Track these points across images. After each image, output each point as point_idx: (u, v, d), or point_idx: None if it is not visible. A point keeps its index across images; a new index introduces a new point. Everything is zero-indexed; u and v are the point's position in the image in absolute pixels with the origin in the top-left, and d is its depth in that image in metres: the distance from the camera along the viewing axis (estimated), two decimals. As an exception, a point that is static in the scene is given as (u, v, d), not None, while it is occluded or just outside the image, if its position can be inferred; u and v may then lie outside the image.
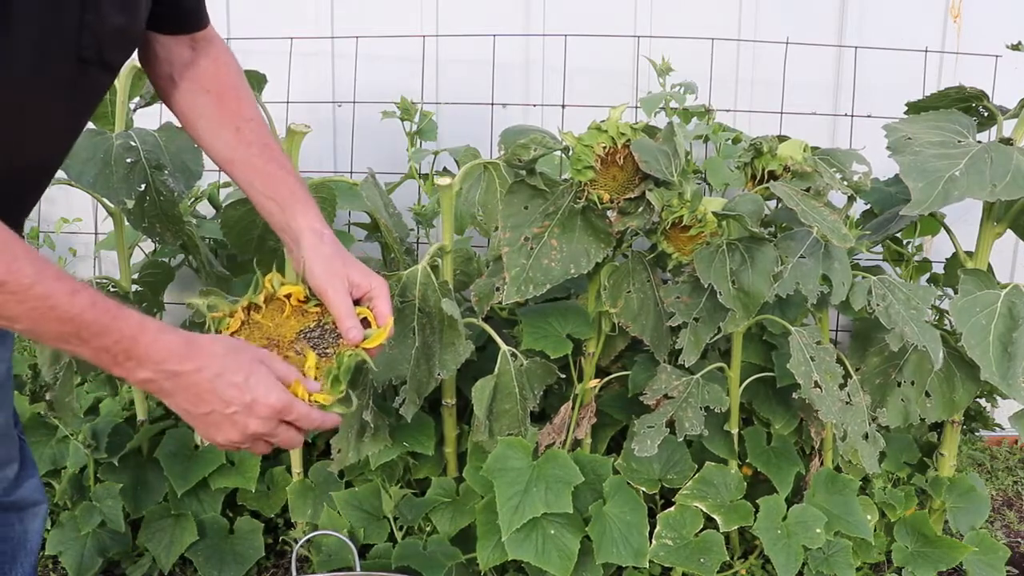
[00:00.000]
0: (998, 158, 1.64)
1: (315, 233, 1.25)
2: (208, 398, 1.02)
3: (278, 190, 1.26)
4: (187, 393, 1.02)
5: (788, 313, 2.02)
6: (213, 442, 1.07)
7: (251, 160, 1.27)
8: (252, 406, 1.04)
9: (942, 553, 1.98)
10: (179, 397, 1.03)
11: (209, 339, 1.05)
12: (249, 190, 1.29)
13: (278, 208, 1.26)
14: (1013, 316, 1.76)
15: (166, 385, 1.01)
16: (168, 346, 1.00)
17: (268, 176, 1.27)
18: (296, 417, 1.09)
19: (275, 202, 1.26)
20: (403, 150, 2.34)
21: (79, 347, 0.96)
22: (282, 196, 1.26)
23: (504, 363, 1.86)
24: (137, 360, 0.98)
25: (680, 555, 1.84)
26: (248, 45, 2.52)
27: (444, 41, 2.55)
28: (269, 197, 1.26)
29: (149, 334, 0.99)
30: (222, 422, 1.05)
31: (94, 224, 2.59)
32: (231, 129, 1.27)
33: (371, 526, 2.00)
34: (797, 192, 1.72)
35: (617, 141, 1.70)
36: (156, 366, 0.99)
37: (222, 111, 1.28)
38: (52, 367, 1.93)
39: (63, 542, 2.02)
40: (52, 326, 0.93)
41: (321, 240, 1.25)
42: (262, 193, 1.27)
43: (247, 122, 1.29)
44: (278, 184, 1.26)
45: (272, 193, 1.26)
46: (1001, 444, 2.89)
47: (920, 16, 2.52)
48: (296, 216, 1.25)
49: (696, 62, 2.41)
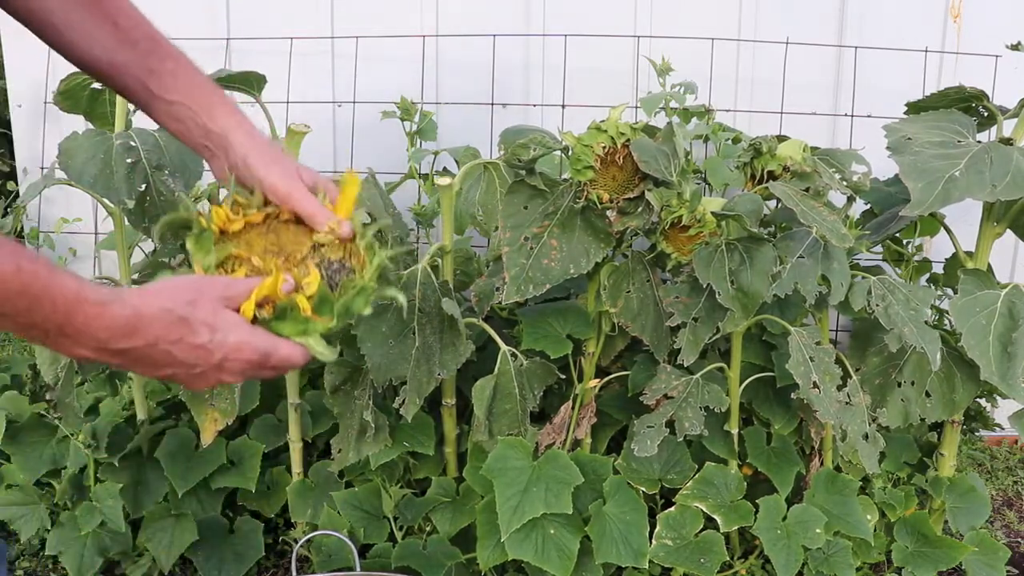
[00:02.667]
0: (998, 158, 1.64)
1: (246, 130, 1.03)
2: (168, 364, 0.89)
3: (187, 90, 1.02)
4: (141, 365, 0.89)
5: (788, 313, 2.02)
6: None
7: (144, 60, 1.02)
8: (222, 364, 0.92)
9: (942, 553, 1.99)
10: (131, 367, 0.90)
11: (159, 301, 0.88)
12: (146, 98, 1.04)
13: (190, 112, 1.02)
14: (1013, 316, 1.76)
15: (113, 361, 0.87)
16: (111, 323, 0.83)
17: (170, 76, 1.02)
18: (275, 364, 0.95)
19: (184, 105, 1.02)
20: (403, 150, 2.34)
21: (1, 322, 0.79)
22: (194, 96, 1.02)
23: (504, 363, 1.86)
24: (73, 338, 0.82)
25: (680, 555, 1.84)
26: (248, 45, 2.53)
27: (444, 41, 2.55)
28: (175, 102, 1.02)
29: (87, 307, 0.81)
30: (189, 380, 0.93)
31: (94, 224, 2.60)
32: (107, 25, 1.01)
33: (371, 526, 2.00)
34: (796, 192, 1.72)
35: (617, 141, 1.70)
36: (97, 344, 0.84)
37: (89, 3, 1.01)
38: (52, 367, 1.93)
39: (63, 542, 2.02)
40: None
41: (255, 136, 1.03)
42: (165, 99, 1.02)
43: (127, 15, 1.03)
44: (185, 83, 1.03)
45: (180, 95, 1.02)
46: (1001, 444, 2.89)
47: (920, 16, 2.52)
48: (216, 116, 1.02)
49: (696, 62, 2.41)
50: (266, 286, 0.95)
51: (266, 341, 0.94)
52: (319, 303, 0.98)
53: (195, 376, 0.92)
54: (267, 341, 0.94)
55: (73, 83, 1.89)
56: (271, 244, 1.02)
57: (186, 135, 1.04)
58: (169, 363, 0.89)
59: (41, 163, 2.60)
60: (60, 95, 1.93)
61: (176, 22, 2.44)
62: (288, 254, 1.01)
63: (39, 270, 0.77)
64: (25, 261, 0.76)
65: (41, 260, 0.78)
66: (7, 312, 0.77)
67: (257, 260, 1.00)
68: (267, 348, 0.94)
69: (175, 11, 2.48)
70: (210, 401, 1.95)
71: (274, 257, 1.01)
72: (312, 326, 0.98)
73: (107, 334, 0.83)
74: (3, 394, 2.26)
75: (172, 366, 0.90)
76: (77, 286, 0.81)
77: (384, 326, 1.77)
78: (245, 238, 1.02)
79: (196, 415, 1.97)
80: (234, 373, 0.94)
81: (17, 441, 2.14)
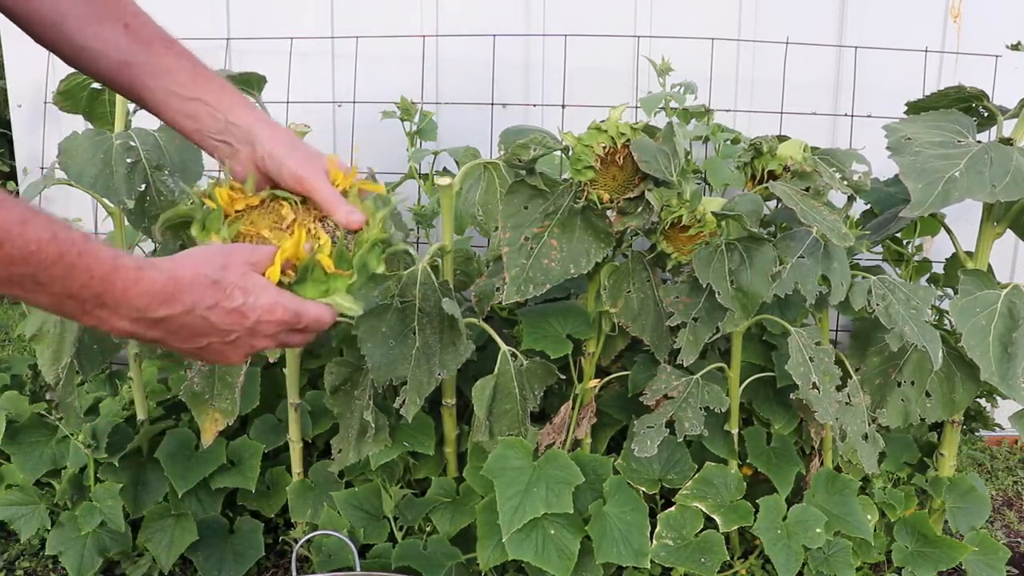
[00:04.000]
0: (998, 158, 1.64)
1: (268, 124, 1.04)
2: (204, 332, 0.89)
3: (205, 88, 1.03)
4: (177, 336, 0.88)
5: (788, 313, 2.02)
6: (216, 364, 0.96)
7: (159, 60, 1.02)
8: (256, 327, 0.92)
9: (942, 553, 1.99)
10: (168, 340, 0.88)
11: (193, 265, 0.88)
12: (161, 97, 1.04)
13: (208, 109, 1.03)
14: (1013, 316, 1.76)
15: (151, 333, 0.86)
16: (149, 286, 0.82)
17: (187, 74, 1.03)
18: (307, 324, 0.96)
19: (202, 102, 1.03)
20: (403, 150, 2.34)
21: (35, 293, 0.76)
22: (211, 94, 1.03)
23: (504, 363, 1.86)
24: (112, 308, 0.81)
25: (681, 555, 1.84)
26: (248, 45, 2.53)
27: (444, 41, 2.55)
28: (192, 98, 1.03)
29: (125, 273, 0.80)
30: (224, 349, 0.92)
31: (94, 224, 2.59)
32: (117, 26, 1.01)
33: (371, 526, 2.00)
34: (797, 192, 1.72)
35: (617, 141, 1.70)
36: (137, 313, 0.82)
37: (99, 6, 1.01)
38: (53, 367, 1.93)
39: (63, 542, 2.02)
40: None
41: (276, 128, 1.05)
42: (182, 96, 1.03)
43: (135, 16, 1.03)
44: (202, 81, 1.04)
45: (197, 93, 1.03)
46: (1001, 444, 2.89)
47: (920, 16, 2.52)
48: (237, 112, 1.03)
49: (696, 62, 2.41)
50: (288, 248, 0.97)
51: (296, 301, 0.95)
52: (337, 260, 1.00)
53: (230, 345, 0.92)
54: (297, 301, 0.95)
55: (73, 83, 1.90)
56: (274, 221, 1.03)
57: (200, 132, 1.04)
58: (206, 331, 0.89)
59: (41, 163, 2.60)
60: (60, 95, 1.93)
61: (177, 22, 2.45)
62: (293, 227, 1.02)
63: (75, 237, 0.76)
64: (60, 230, 0.75)
65: (76, 231, 0.77)
66: (42, 280, 0.75)
67: (267, 233, 1.02)
68: (298, 308, 0.95)
69: (176, 11, 2.48)
70: (210, 401, 1.95)
71: (281, 232, 1.02)
72: (334, 284, 1.00)
73: (146, 300, 0.82)
74: (3, 394, 2.26)
75: (208, 335, 0.89)
76: (112, 253, 0.80)
77: (384, 326, 1.77)
78: (249, 218, 1.03)
79: (196, 415, 1.97)
80: (268, 336, 0.94)
81: (17, 441, 2.14)
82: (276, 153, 1.02)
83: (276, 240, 1.01)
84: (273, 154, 1.02)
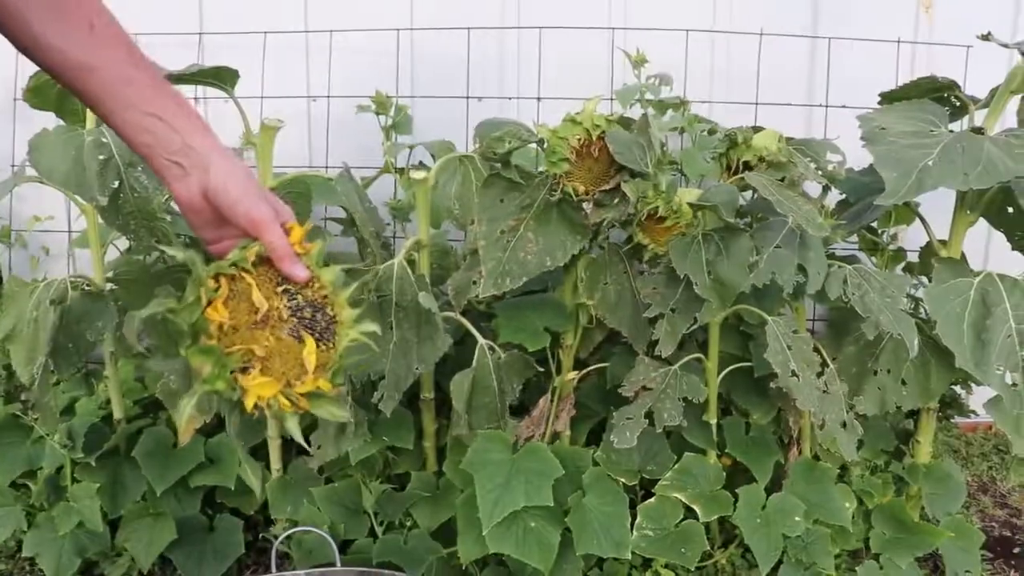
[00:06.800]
0: (970, 147, 1.65)
1: (224, 153, 0.99)
2: None
3: (163, 104, 0.97)
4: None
5: (765, 303, 2.02)
6: None
7: (121, 68, 0.96)
8: None
9: (919, 539, 2.01)
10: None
11: None
12: (118, 109, 0.97)
13: (165, 127, 0.97)
14: (986, 303, 1.77)
15: None
16: None
17: (150, 88, 0.98)
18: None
19: (160, 119, 0.97)
20: (378, 144, 2.33)
21: None
22: (169, 111, 0.98)
23: (482, 357, 1.86)
24: None
25: (661, 545, 1.85)
26: (221, 40, 2.51)
27: (419, 35, 2.54)
28: (151, 114, 0.97)
29: None
30: None
31: (67, 222, 2.57)
32: (83, 27, 0.95)
33: (351, 521, 2.00)
34: (772, 182, 1.73)
35: (592, 133, 1.70)
36: None
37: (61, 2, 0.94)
38: (28, 367, 1.90)
39: (40, 543, 2.00)
40: None
41: (232, 159, 1.00)
42: (141, 110, 0.97)
43: (100, 15, 0.96)
44: (163, 97, 0.98)
45: (156, 108, 0.97)
46: (976, 430, 2.92)
47: (893, 7, 2.54)
48: (196, 136, 0.98)
49: (671, 54, 2.41)
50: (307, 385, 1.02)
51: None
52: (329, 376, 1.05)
53: None
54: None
55: (42, 80, 1.87)
56: (250, 311, 1.00)
57: (153, 149, 0.99)
58: None
59: (12, 161, 2.57)
60: (30, 92, 1.91)
61: (149, 16, 2.44)
62: (268, 318, 1.01)
63: None
64: None
65: None
66: None
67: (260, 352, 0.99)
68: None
69: (148, 5, 2.45)
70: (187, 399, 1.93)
71: (260, 331, 1.00)
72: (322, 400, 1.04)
73: None
74: (-23, 395, 2.24)
75: None
76: None
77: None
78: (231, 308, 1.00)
79: (173, 413, 1.95)
80: None
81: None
82: (231, 188, 0.98)
83: (267, 357, 1.00)
84: (228, 189, 0.98)
